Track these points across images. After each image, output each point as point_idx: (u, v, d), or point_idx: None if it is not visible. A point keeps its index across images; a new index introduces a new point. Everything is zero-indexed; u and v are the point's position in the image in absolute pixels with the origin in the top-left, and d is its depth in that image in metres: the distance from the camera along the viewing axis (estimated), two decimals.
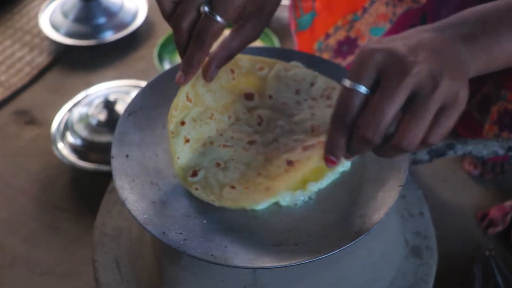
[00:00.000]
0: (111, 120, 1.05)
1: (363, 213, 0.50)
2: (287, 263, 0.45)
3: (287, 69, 0.62)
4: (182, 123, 0.56)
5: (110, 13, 1.37)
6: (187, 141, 0.55)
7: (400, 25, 0.87)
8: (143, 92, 0.62)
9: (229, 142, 0.57)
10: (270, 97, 0.61)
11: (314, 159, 0.53)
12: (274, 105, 0.61)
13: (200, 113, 0.58)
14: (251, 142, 0.58)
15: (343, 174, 0.55)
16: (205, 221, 0.50)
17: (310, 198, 0.52)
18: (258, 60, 0.64)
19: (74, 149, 1.04)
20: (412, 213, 0.70)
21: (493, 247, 0.87)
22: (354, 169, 0.55)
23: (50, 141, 1.07)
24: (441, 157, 0.74)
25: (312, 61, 0.63)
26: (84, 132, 1.05)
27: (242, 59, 0.63)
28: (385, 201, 0.51)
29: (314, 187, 0.53)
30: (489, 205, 0.96)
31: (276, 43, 1.26)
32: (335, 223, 0.50)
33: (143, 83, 1.17)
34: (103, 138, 1.04)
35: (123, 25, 1.37)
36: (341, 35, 0.89)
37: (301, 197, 0.52)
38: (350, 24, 0.87)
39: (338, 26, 0.87)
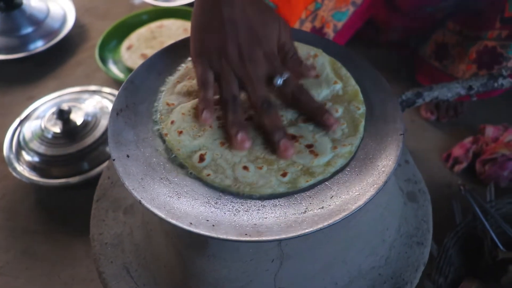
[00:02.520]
0: (68, 130, 0.99)
1: (374, 165, 0.52)
2: (320, 226, 0.46)
3: None
4: (172, 122, 0.56)
5: (36, 21, 1.28)
6: (181, 132, 0.55)
7: (367, 7, 0.88)
8: (125, 89, 0.59)
9: None
10: None
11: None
12: None
13: (188, 106, 0.58)
14: (248, 118, 0.57)
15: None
16: (225, 205, 0.49)
17: None
18: None
19: (34, 167, 0.98)
20: (398, 162, 0.74)
21: (463, 182, 0.94)
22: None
23: (3, 164, 0.99)
24: (412, 106, 0.78)
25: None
26: (40, 148, 0.99)
27: None
28: (391, 151, 0.53)
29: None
30: (451, 145, 1.03)
31: None
32: (352, 179, 0.51)
33: (89, 88, 1.12)
34: (63, 150, 0.98)
35: (53, 32, 1.29)
36: (307, 27, 0.87)
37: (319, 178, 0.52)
38: (314, 13, 0.85)
39: (303, 19, 0.85)
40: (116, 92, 1.10)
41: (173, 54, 0.65)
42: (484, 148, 0.97)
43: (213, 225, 0.47)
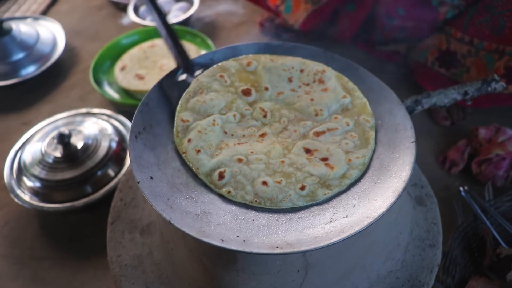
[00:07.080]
0: (69, 154, 0.99)
1: (391, 173, 0.54)
2: (347, 234, 0.48)
3: (273, 60, 0.65)
4: (189, 140, 0.57)
5: (26, 47, 1.28)
6: (198, 151, 0.56)
7: None
8: (141, 112, 0.60)
9: (243, 140, 0.59)
10: (266, 88, 0.63)
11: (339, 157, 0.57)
12: (272, 96, 0.63)
13: (203, 123, 0.59)
14: (262, 135, 0.59)
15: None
16: (253, 219, 0.51)
17: None
18: (242, 58, 0.66)
19: (36, 193, 0.97)
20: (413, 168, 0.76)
21: (461, 184, 0.97)
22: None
23: (4, 191, 0.99)
24: (411, 114, 0.81)
25: (294, 49, 0.66)
26: (42, 173, 0.98)
27: (228, 63, 0.65)
28: (406, 158, 0.55)
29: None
30: (444, 149, 1.06)
31: (211, 44, 1.27)
32: (371, 188, 0.53)
33: (84, 110, 1.12)
34: (65, 174, 0.98)
35: (44, 56, 1.29)
36: None
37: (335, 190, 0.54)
38: None
39: None
40: (109, 113, 1.11)
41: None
42: (479, 149, 1.01)
43: (244, 240, 0.48)
